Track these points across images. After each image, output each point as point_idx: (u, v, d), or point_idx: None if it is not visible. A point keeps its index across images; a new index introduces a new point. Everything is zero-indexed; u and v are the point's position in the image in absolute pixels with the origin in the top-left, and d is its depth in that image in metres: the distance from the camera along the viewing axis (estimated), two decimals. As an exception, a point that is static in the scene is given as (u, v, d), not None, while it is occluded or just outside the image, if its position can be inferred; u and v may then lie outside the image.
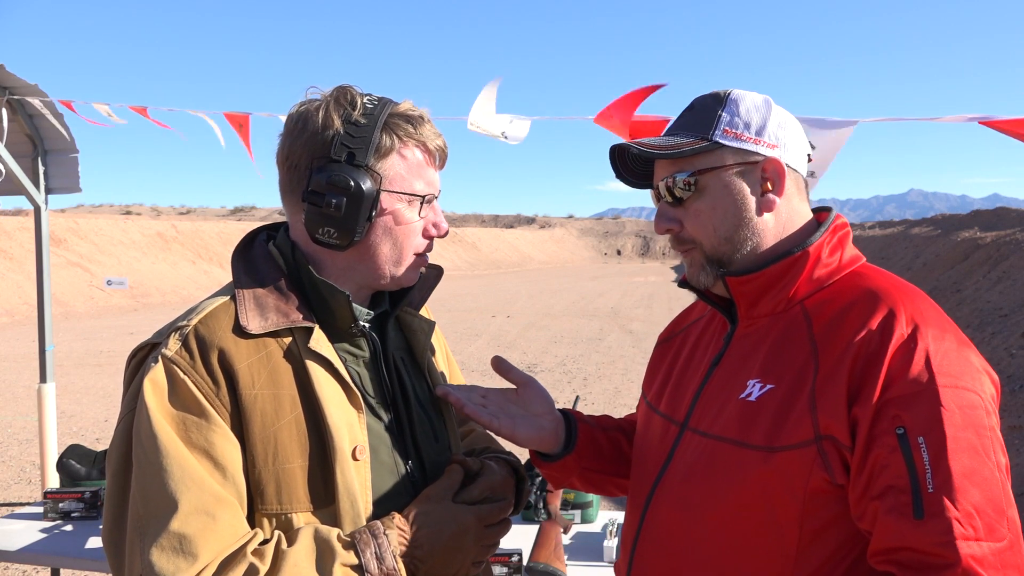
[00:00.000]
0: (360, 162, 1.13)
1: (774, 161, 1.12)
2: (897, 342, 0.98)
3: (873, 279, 1.10)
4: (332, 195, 1.12)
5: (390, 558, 1.07)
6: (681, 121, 1.17)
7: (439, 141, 1.22)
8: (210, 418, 1.06)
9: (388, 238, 1.19)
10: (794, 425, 1.01)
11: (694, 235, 1.15)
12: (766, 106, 1.14)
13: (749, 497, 1.04)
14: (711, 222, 1.13)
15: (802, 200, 1.17)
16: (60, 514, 2.82)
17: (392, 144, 1.16)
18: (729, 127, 1.12)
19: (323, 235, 1.15)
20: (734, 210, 1.12)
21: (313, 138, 1.14)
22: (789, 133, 1.15)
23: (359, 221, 1.14)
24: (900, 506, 0.92)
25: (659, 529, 1.15)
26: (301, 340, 1.14)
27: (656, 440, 1.23)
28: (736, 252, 1.14)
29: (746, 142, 1.12)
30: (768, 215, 1.13)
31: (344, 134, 1.13)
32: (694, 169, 1.12)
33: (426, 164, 1.20)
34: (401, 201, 1.18)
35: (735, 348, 1.16)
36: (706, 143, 1.11)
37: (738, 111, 1.13)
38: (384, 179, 1.16)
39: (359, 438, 1.14)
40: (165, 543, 0.99)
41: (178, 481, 1.01)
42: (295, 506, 1.09)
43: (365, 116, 1.15)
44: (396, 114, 1.17)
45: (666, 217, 1.17)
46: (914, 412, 0.94)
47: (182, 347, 1.09)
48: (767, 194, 1.13)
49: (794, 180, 1.15)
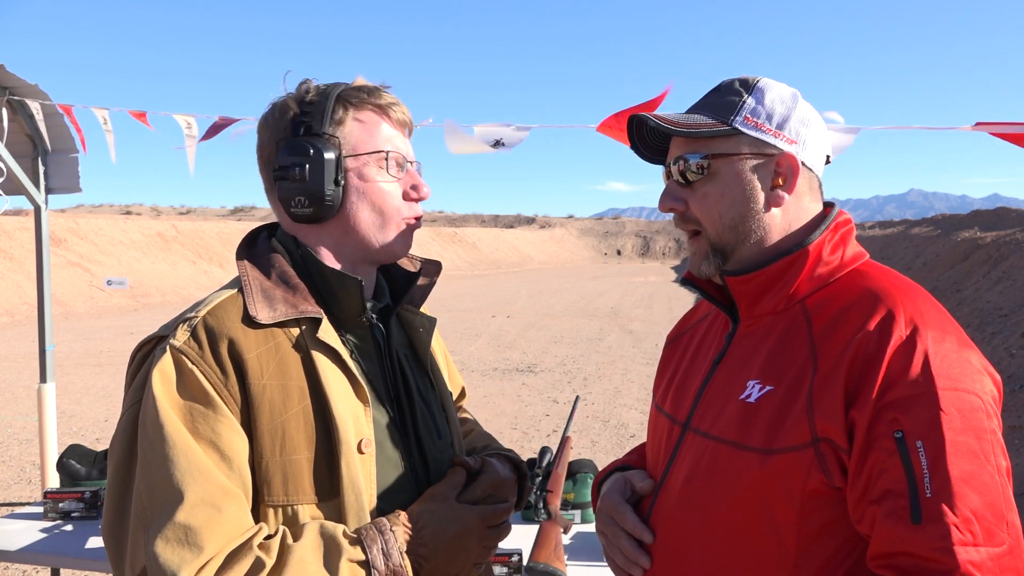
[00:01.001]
0: (317, 131, 1.16)
1: (789, 157, 1.11)
2: (896, 343, 0.97)
3: (874, 278, 1.08)
4: (295, 165, 1.15)
5: (397, 555, 1.07)
6: (705, 101, 1.16)
7: (397, 105, 1.23)
8: (218, 409, 1.06)
9: (364, 203, 1.19)
10: (791, 427, 1.00)
11: (699, 217, 1.14)
12: (793, 100, 1.13)
13: (747, 499, 1.03)
14: (718, 208, 1.12)
15: (813, 200, 1.16)
16: (60, 514, 2.81)
17: (346, 111, 1.19)
18: (751, 115, 1.11)
19: (297, 206, 1.17)
20: (742, 199, 1.11)
21: (275, 125, 1.19)
22: (811, 131, 1.13)
23: (325, 183, 1.15)
24: (898, 511, 0.91)
25: (663, 529, 1.15)
26: (309, 331, 1.14)
27: (661, 441, 1.23)
28: (740, 242, 1.13)
29: (765, 133, 1.10)
30: (776, 210, 1.12)
31: (300, 112, 1.17)
32: (708, 152, 1.11)
33: (385, 124, 1.22)
34: (368, 165, 1.19)
35: (736, 348, 1.16)
36: (725, 127, 1.10)
37: (763, 100, 1.11)
38: (344, 143, 1.18)
39: (365, 431, 1.14)
40: (170, 534, 0.98)
41: (184, 472, 1.01)
42: (301, 498, 1.09)
43: (319, 95, 1.19)
44: (349, 88, 1.21)
45: (672, 196, 1.16)
46: (912, 416, 0.93)
47: (191, 337, 1.09)
48: (777, 189, 1.11)
49: (807, 179, 1.14)
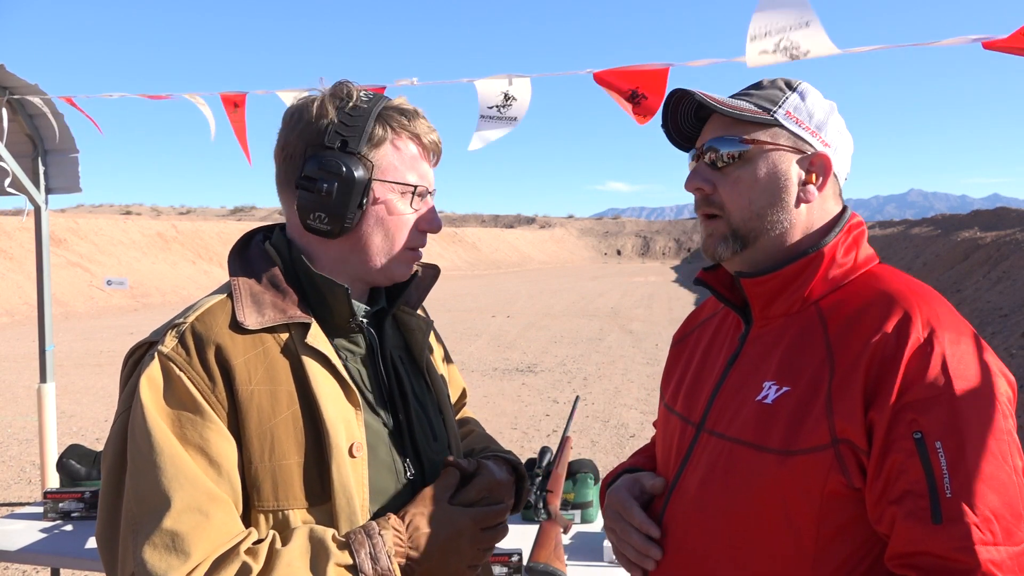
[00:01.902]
0: (353, 149, 1.15)
1: (824, 156, 1.13)
2: (914, 346, 0.98)
3: (888, 280, 1.09)
4: (324, 180, 1.13)
5: (385, 559, 1.07)
6: (746, 92, 1.17)
7: (433, 136, 1.23)
8: (205, 415, 1.06)
9: (379, 229, 1.19)
10: (811, 428, 1.01)
11: (725, 200, 1.14)
12: (831, 108, 1.16)
13: (766, 499, 1.04)
14: (749, 194, 1.12)
15: (836, 204, 1.17)
16: (60, 514, 2.81)
17: (385, 134, 1.17)
18: (793, 111, 1.13)
19: (314, 220, 1.16)
20: (774, 189, 1.12)
21: (308, 127, 1.16)
22: (843, 141, 1.17)
23: (350, 206, 1.15)
24: (918, 511, 0.93)
25: (677, 530, 1.15)
26: (298, 336, 1.14)
27: (673, 441, 1.22)
28: (763, 232, 1.13)
29: (805, 130, 1.12)
30: (804, 206, 1.13)
31: (338, 123, 1.15)
32: (748, 137, 1.12)
33: (419, 157, 1.21)
34: (393, 191, 1.19)
35: (750, 349, 1.16)
36: (767, 117, 1.12)
37: (805, 100, 1.14)
38: (376, 168, 1.17)
39: (356, 435, 1.14)
40: (158, 541, 0.99)
41: (171, 479, 1.01)
42: (291, 503, 1.09)
43: (360, 107, 1.16)
44: (391, 107, 1.19)
45: (701, 176, 1.16)
46: (931, 416, 0.94)
47: (178, 344, 1.09)
48: (809, 185, 1.13)
49: (833, 184, 1.16)
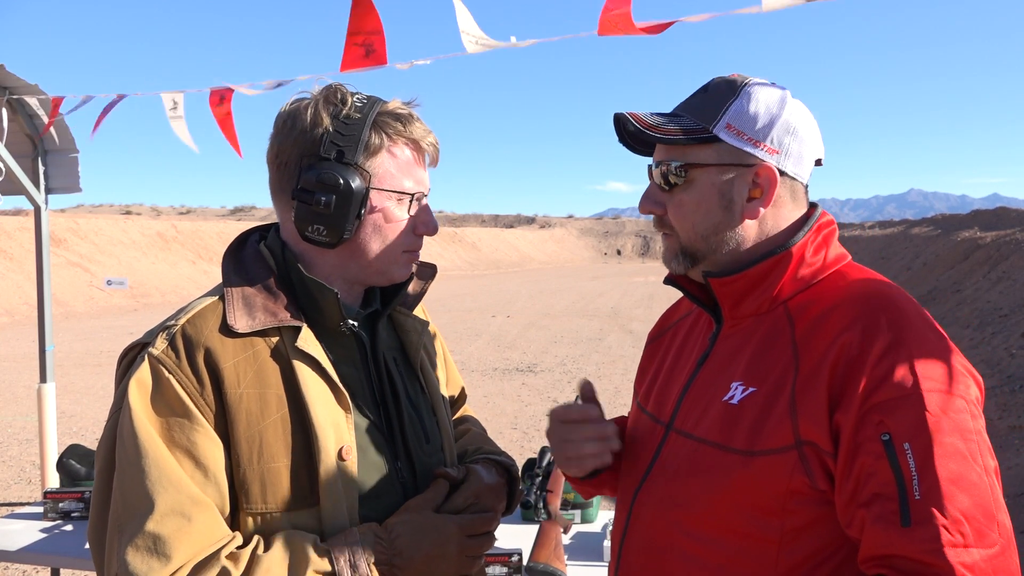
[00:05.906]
0: (349, 160, 1.14)
1: (768, 169, 1.10)
2: (880, 346, 0.96)
3: (857, 280, 1.08)
4: (321, 193, 1.12)
5: (364, 566, 1.07)
6: (691, 102, 1.15)
7: (430, 138, 1.22)
8: (193, 418, 1.06)
9: (377, 236, 1.19)
10: (774, 429, 1.01)
11: (674, 223, 1.15)
12: (779, 105, 1.10)
13: (731, 499, 1.03)
14: (692, 217, 1.12)
15: (796, 207, 1.14)
16: (60, 514, 2.82)
17: (381, 142, 1.16)
18: (732, 122, 1.09)
19: (312, 232, 1.15)
20: (715, 211, 1.11)
21: (302, 136, 1.14)
22: (796, 139, 1.11)
23: (348, 219, 1.14)
24: (887, 514, 0.91)
25: (645, 529, 1.15)
26: (289, 339, 1.14)
27: (643, 440, 1.22)
28: (711, 252, 1.13)
29: (746, 143, 1.09)
30: (750, 222, 1.11)
31: (333, 132, 1.14)
32: (686, 161, 1.11)
33: (415, 162, 1.21)
34: (390, 199, 1.18)
35: (720, 349, 1.16)
36: (705, 135, 1.10)
37: (747, 106, 1.09)
38: (373, 177, 1.16)
39: (345, 438, 1.14)
40: (140, 543, 1.00)
41: (155, 482, 1.02)
42: (279, 506, 1.09)
43: (354, 114, 1.15)
44: (385, 112, 1.18)
45: (652, 200, 1.17)
46: (899, 418, 0.93)
47: (168, 346, 1.09)
48: (753, 201, 1.11)
49: (789, 188, 1.13)
